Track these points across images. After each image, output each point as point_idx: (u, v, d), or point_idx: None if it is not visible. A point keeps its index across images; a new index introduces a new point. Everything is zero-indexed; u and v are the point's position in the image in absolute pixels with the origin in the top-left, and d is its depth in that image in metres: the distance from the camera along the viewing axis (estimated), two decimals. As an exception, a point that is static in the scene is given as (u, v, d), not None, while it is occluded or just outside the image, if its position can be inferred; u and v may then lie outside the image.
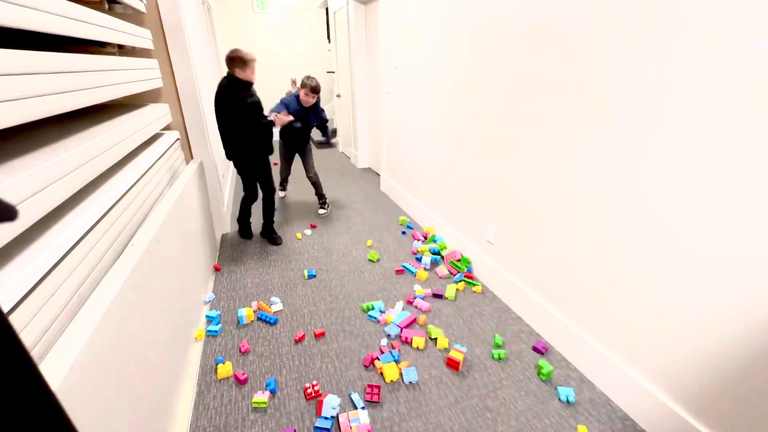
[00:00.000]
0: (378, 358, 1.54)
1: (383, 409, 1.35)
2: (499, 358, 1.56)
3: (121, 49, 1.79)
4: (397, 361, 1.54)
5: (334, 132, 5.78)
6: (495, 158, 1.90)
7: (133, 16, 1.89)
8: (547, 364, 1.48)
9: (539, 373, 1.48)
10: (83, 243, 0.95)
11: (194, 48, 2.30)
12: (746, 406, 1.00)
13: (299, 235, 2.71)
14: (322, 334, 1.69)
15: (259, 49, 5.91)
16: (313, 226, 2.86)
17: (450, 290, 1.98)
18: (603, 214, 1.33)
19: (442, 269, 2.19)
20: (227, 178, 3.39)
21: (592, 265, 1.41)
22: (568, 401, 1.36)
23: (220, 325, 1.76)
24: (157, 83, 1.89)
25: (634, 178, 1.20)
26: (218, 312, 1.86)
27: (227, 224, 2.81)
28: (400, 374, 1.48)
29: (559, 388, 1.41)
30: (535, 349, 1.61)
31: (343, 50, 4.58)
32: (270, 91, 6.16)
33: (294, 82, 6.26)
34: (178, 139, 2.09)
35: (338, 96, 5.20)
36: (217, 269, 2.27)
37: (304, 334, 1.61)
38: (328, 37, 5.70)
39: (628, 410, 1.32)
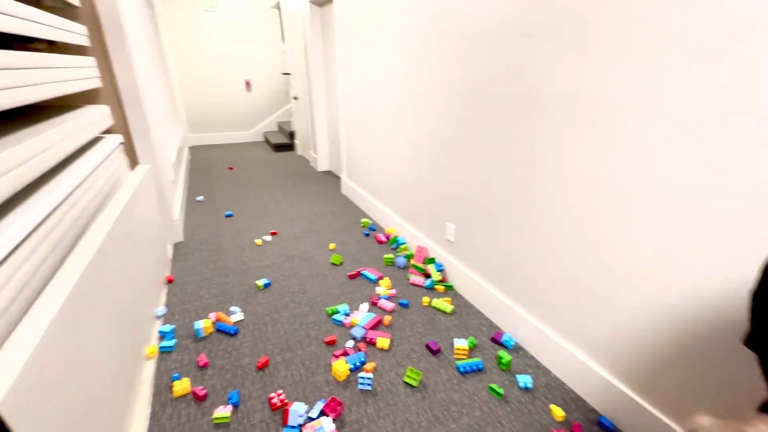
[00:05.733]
0: (344, 359, 1.53)
1: (351, 412, 1.34)
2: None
3: (52, 46, 1.63)
4: (363, 363, 1.55)
5: (293, 135, 5.67)
6: (453, 159, 1.97)
7: (65, 10, 1.73)
8: (506, 354, 1.55)
9: (499, 363, 1.55)
10: (11, 259, 0.85)
11: (136, 46, 2.15)
12: (679, 377, 1.12)
13: (258, 242, 2.63)
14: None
15: (209, 49, 5.66)
16: (273, 234, 2.78)
17: (425, 301, 1.97)
18: (550, 213, 1.42)
19: (417, 278, 2.13)
20: (177, 183, 3.21)
21: (540, 259, 1.50)
22: (526, 388, 1.44)
23: (174, 340, 1.66)
24: (95, 83, 1.75)
25: (574, 182, 1.30)
26: (172, 326, 1.75)
27: (179, 233, 2.65)
28: (352, 379, 1.47)
29: (517, 376, 1.48)
30: (494, 340, 1.69)
31: (298, 51, 4.51)
32: (224, 93, 5.92)
33: (248, 84, 6.06)
34: (121, 143, 1.95)
35: (295, 98, 5.12)
36: (169, 281, 2.14)
37: (267, 359, 1.55)
38: (283, 38, 5.58)
39: (579, 391, 1.42)
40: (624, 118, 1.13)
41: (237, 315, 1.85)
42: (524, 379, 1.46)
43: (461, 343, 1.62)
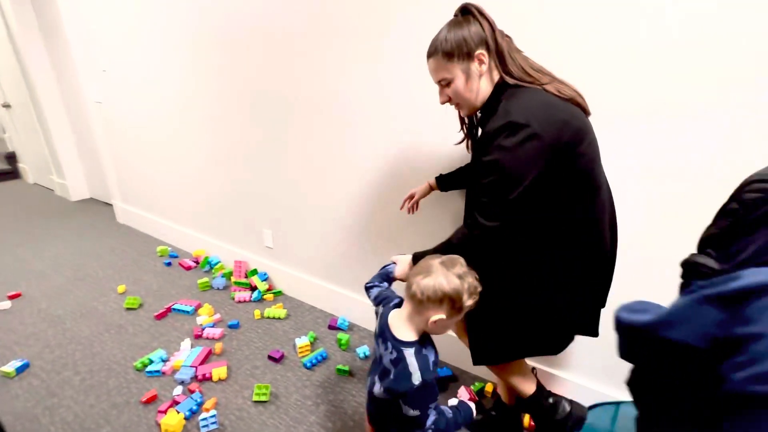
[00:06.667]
0: (174, 409, 1.30)
1: (199, 462, 1.18)
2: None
3: None
4: (201, 404, 1.36)
5: (13, 157, 4.07)
6: (257, 165, 1.94)
7: None
8: (344, 335, 1.70)
9: (340, 345, 1.69)
10: None
11: None
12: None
13: (-12, 314, 1.82)
14: None
15: None
16: (14, 296, 1.98)
17: (257, 315, 1.88)
18: (335, 202, 1.65)
19: (242, 294, 2.01)
20: None
21: (342, 240, 1.72)
22: (366, 356, 1.64)
23: None
24: None
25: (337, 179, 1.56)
26: None
27: None
28: (191, 426, 1.31)
29: (357, 349, 1.66)
30: (331, 327, 1.82)
31: (-1, 42, 3.25)
32: None
33: None
34: None
35: (6, 106, 3.68)
36: None
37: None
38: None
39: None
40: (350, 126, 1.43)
41: (-25, 427, 1.25)
42: (362, 350, 1.65)
43: (302, 341, 1.66)
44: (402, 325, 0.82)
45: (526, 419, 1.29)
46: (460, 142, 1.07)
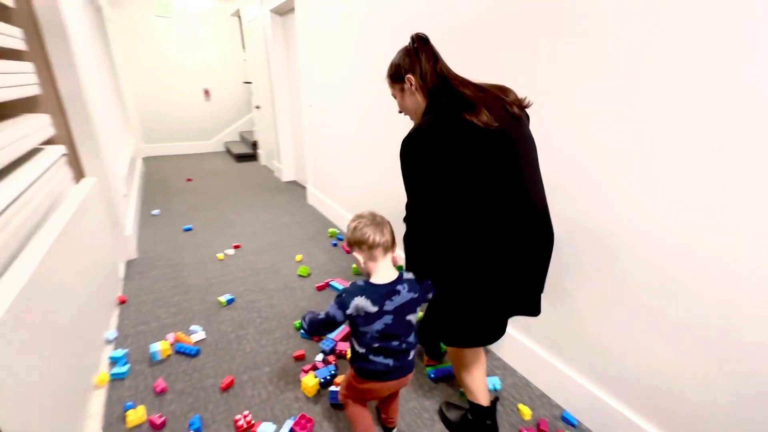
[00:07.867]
0: (313, 373, 1.49)
1: (322, 428, 1.31)
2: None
3: (-20, 50, 1.49)
4: (334, 375, 1.51)
5: (255, 145, 5.53)
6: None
7: (-5, 12, 1.59)
8: (475, 357, 1.58)
9: (469, 367, 1.57)
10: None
11: (80, 50, 2.02)
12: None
13: (221, 256, 2.52)
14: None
15: (165, 56, 5.43)
16: (236, 247, 2.68)
17: None
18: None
19: None
20: (131, 198, 3.02)
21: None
22: (495, 389, 1.47)
23: (128, 365, 1.54)
24: (33, 90, 1.62)
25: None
26: (125, 351, 1.62)
27: (133, 249, 2.49)
28: (323, 393, 1.43)
29: (487, 378, 1.51)
30: (464, 344, 1.71)
31: (260, 60, 4.44)
32: (181, 102, 5.68)
33: (207, 93, 5.86)
34: (64, 154, 1.80)
35: (258, 107, 5.01)
36: (122, 302, 1.99)
37: (232, 379, 1.48)
38: (243, 46, 5.47)
39: (543, 388, 1.47)
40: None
41: (198, 334, 1.75)
42: (493, 381, 1.49)
43: (432, 350, 1.63)
44: (387, 276, 1.05)
45: None
46: None
